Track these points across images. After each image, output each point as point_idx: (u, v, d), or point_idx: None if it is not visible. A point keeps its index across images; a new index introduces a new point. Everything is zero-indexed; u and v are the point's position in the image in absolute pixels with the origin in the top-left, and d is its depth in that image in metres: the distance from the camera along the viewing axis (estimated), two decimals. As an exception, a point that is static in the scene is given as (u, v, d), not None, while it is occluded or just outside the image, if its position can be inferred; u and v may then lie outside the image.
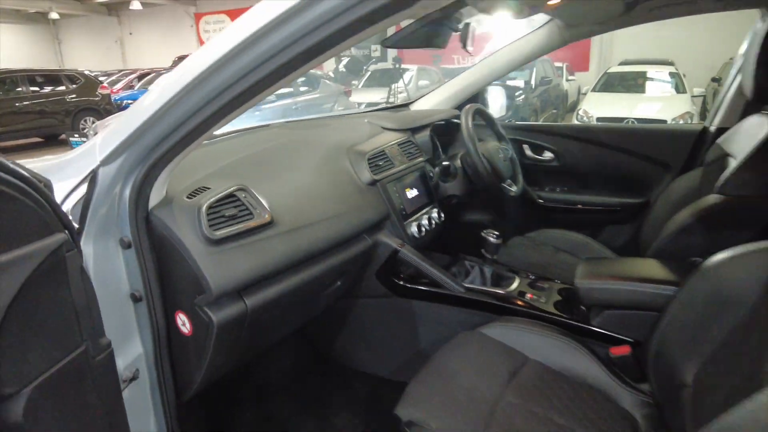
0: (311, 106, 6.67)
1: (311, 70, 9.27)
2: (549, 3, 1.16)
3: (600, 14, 1.48)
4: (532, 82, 8.13)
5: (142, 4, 15.69)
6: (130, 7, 15.60)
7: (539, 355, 1.11)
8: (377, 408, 1.47)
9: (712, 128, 1.72)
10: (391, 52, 13.04)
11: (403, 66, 10.07)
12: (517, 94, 7.68)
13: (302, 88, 7.42)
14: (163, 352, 0.94)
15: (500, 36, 2.05)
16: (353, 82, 10.36)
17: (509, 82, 8.12)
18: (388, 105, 2.24)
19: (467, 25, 1.20)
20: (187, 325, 0.93)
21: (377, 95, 8.11)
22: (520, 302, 1.29)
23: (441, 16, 1.20)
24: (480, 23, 1.36)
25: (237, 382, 1.41)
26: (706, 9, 1.46)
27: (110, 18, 18.21)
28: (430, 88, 2.26)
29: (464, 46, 1.16)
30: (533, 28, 1.76)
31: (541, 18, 1.65)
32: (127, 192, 0.85)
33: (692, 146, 1.76)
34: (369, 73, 10.20)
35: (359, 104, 7.63)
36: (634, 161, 1.85)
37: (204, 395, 1.12)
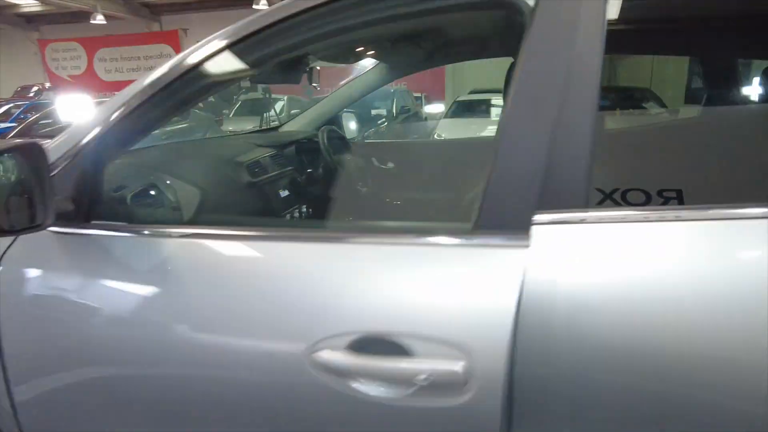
0: (181, 134, 6.71)
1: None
2: (366, 55, 1.71)
3: (410, 60, 2.09)
4: (393, 110, 9.10)
5: (-26, 28, 14.03)
6: (-41, 31, 13.86)
7: None
8: None
9: None
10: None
11: (274, 96, 10.47)
12: (379, 122, 8.54)
13: (174, 119, 7.39)
14: None
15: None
16: (224, 111, 10.48)
17: (373, 111, 8.99)
18: (262, 128, 2.66)
19: (312, 66, 1.69)
20: None
21: (249, 123, 8.38)
22: None
23: (292, 58, 1.68)
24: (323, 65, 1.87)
25: None
26: (479, 56, 2.15)
27: (-65, 42, 15.84)
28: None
29: (310, 83, 1.65)
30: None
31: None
32: None
33: None
34: (240, 102, 10.43)
35: (233, 131, 7.80)
36: None
37: None
